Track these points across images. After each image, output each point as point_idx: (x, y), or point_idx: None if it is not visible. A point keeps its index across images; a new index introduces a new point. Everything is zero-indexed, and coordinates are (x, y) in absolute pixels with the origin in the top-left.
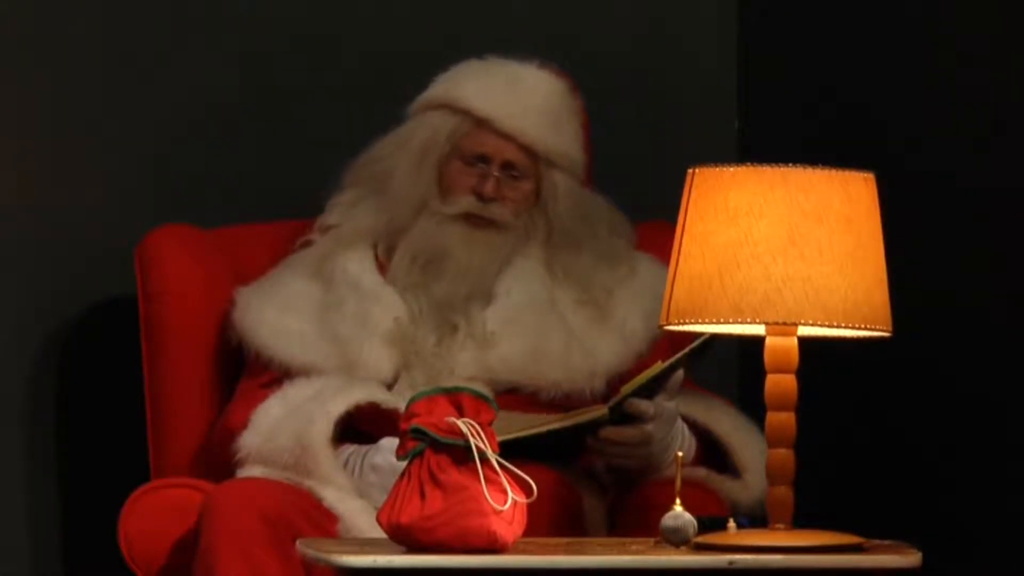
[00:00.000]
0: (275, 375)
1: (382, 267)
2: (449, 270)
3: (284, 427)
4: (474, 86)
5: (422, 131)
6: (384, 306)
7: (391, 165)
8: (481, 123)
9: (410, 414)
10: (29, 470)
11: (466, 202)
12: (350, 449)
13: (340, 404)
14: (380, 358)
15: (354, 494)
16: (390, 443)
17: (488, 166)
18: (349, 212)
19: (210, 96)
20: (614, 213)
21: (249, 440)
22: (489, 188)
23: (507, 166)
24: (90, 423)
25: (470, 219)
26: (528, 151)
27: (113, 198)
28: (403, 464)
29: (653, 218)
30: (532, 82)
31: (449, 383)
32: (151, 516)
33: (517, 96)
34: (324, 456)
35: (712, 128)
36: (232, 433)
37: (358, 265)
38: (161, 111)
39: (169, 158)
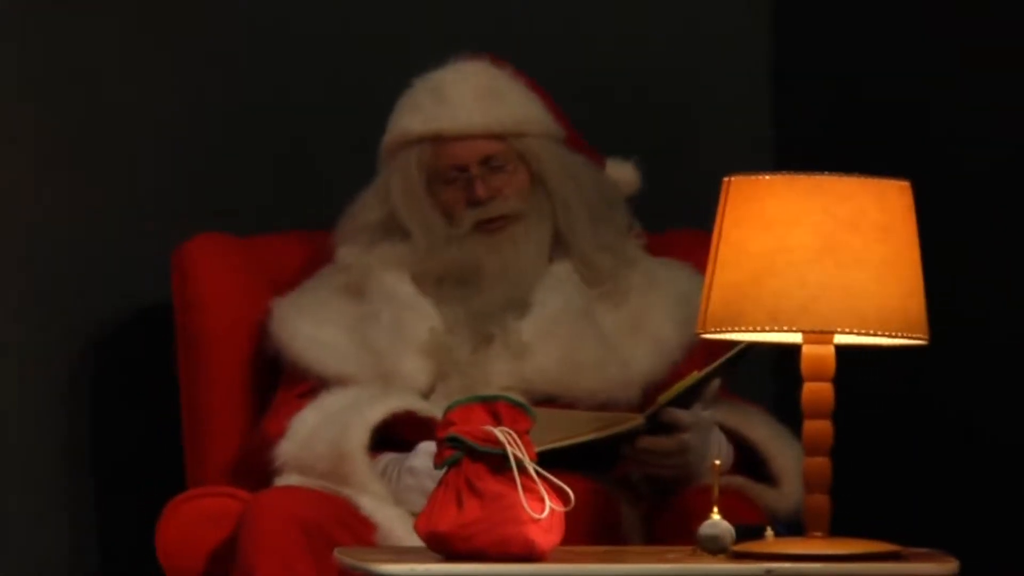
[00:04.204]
0: (312, 385)
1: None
2: (484, 282)
3: (321, 435)
4: (408, 114)
5: (396, 176)
6: (420, 316)
7: (387, 212)
8: (435, 140)
9: (447, 422)
10: (65, 479)
11: (469, 215)
12: (388, 457)
13: (377, 412)
14: (416, 368)
15: (391, 502)
16: (428, 447)
17: (467, 172)
18: (369, 252)
19: (247, 104)
20: (600, 173)
21: (286, 448)
22: (478, 191)
23: (484, 162)
24: (127, 432)
25: (482, 227)
26: (492, 137)
27: (148, 207)
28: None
29: (688, 226)
30: (452, 77)
31: (485, 393)
32: (188, 525)
33: (446, 97)
34: (361, 464)
35: (747, 137)
36: (269, 441)
37: (394, 277)
38: (197, 119)
39: (205, 166)
